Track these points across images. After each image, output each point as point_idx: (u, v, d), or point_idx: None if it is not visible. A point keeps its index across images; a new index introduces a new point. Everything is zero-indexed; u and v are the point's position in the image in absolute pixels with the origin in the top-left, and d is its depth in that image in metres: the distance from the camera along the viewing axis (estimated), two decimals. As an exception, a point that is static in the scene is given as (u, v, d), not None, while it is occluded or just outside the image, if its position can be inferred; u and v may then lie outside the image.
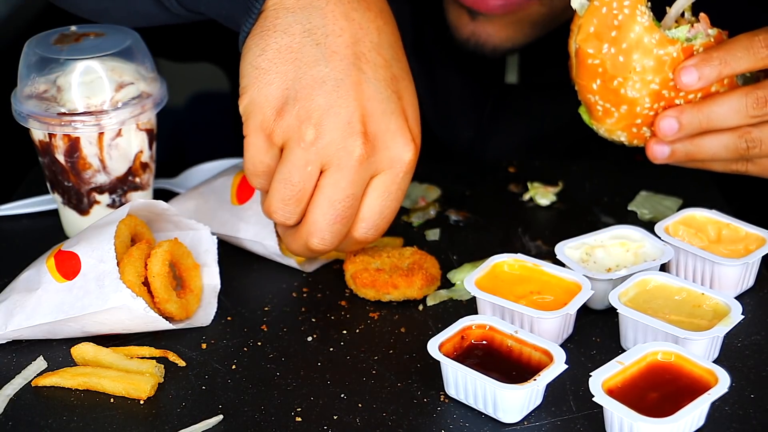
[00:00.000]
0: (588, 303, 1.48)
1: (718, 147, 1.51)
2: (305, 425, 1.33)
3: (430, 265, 1.55)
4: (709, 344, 1.38)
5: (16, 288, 1.47)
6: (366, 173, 1.42)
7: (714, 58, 1.46)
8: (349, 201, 1.43)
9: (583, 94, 1.53)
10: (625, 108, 1.50)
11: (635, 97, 1.49)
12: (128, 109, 1.59)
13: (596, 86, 1.50)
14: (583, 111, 1.55)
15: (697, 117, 1.49)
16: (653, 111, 1.50)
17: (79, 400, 1.38)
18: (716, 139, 1.51)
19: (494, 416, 1.33)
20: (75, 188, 1.63)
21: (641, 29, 1.46)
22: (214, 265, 1.54)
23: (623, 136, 1.54)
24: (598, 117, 1.53)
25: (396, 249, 1.58)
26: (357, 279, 1.53)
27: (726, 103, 1.48)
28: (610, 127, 1.53)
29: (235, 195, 1.61)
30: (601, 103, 1.51)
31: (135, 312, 1.41)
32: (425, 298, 1.54)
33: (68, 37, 1.63)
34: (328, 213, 1.43)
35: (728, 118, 1.49)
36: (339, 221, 1.43)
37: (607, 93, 1.49)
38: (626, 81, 1.48)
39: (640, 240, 1.54)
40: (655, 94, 1.48)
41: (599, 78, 1.49)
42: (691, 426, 1.29)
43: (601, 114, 1.52)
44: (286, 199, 1.43)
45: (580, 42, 1.48)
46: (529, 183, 1.79)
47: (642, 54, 1.46)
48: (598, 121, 1.54)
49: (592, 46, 1.48)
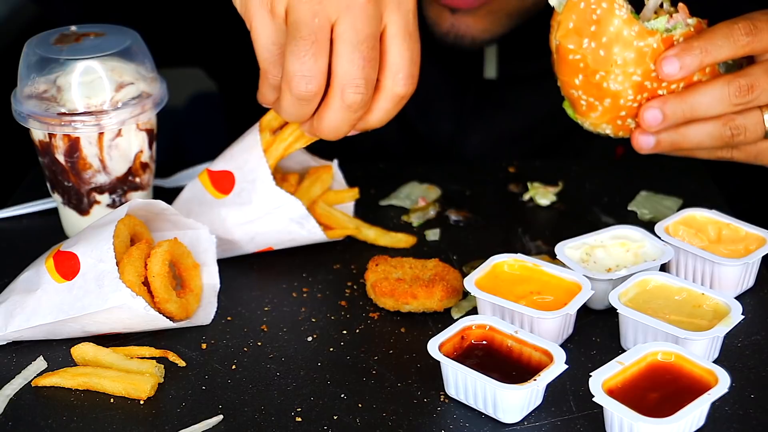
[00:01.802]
0: (588, 303, 1.48)
1: (702, 135, 1.51)
2: (305, 425, 1.33)
3: (453, 278, 1.53)
4: (709, 344, 1.38)
5: (16, 289, 1.47)
6: (376, 10, 1.40)
7: (695, 48, 1.46)
8: (371, 41, 1.40)
9: (566, 90, 1.53)
10: (608, 101, 1.50)
11: (618, 89, 1.49)
12: (128, 109, 1.59)
13: (579, 81, 1.50)
14: (567, 106, 1.56)
15: (681, 107, 1.49)
16: (637, 102, 1.50)
17: (79, 400, 1.38)
18: (701, 127, 1.51)
19: (494, 416, 1.33)
20: (75, 188, 1.63)
21: (620, 22, 1.46)
22: (213, 264, 1.54)
23: (608, 128, 1.54)
24: (583, 111, 1.53)
25: (419, 260, 1.56)
26: (377, 288, 1.51)
27: (709, 92, 1.49)
28: (594, 120, 1.53)
29: (215, 190, 1.59)
30: (584, 97, 1.51)
31: (135, 311, 1.41)
32: (449, 311, 1.52)
33: (68, 37, 1.63)
34: (354, 57, 1.40)
35: (712, 106, 1.49)
36: (367, 64, 1.40)
37: (589, 87, 1.50)
38: (608, 74, 1.48)
39: (640, 240, 1.54)
40: (637, 86, 1.49)
41: (581, 73, 1.49)
42: (691, 426, 1.29)
43: (585, 108, 1.52)
44: (303, 57, 1.39)
45: (560, 38, 1.49)
46: (529, 183, 1.79)
47: (622, 47, 1.47)
48: (582, 116, 1.54)
49: (572, 42, 1.48)
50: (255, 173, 1.56)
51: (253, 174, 1.56)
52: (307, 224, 1.57)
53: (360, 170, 1.84)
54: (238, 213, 1.57)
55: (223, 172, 1.59)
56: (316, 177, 1.64)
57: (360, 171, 1.83)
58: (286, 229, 1.58)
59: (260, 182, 1.55)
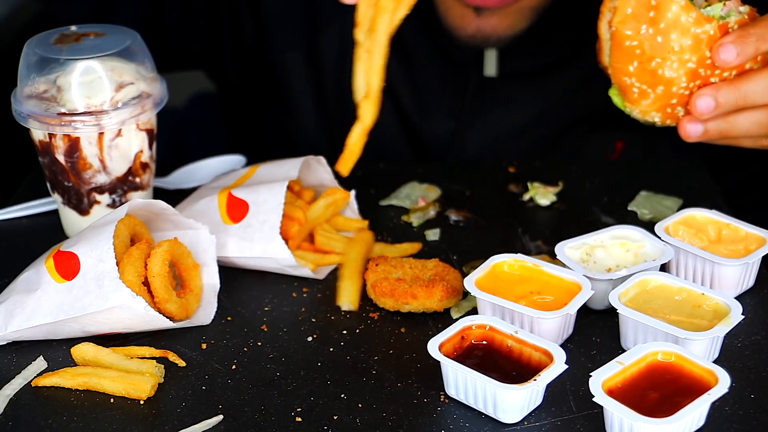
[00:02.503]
0: (588, 303, 1.48)
1: (751, 124, 1.52)
2: (305, 425, 1.33)
3: (453, 278, 1.53)
4: (709, 344, 1.38)
5: (16, 289, 1.47)
6: None
7: (751, 35, 1.47)
8: None
9: (617, 77, 1.52)
10: (661, 89, 1.50)
11: (672, 77, 1.49)
12: (128, 109, 1.59)
13: (633, 68, 1.49)
14: (615, 93, 1.55)
15: (734, 95, 1.49)
16: (688, 90, 1.50)
17: (79, 400, 1.38)
18: (750, 115, 1.51)
19: (494, 416, 1.33)
20: (75, 188, 1.63)
21: (678, 8, 1.46)
22: (213, 264, 1.54)
23: (657, 116, 1.54)
24: (633, 99, 1.52)
25: (419, 260, 1.56)
26: (376, 288, 1.51)
27: (762, 80, 1.49)
28: (644, 108, 1.53)
29: (226, 214, 1.60)
30: (637, 84, 1.51)
31: (135, 311, 1.41)
32: (449, 311, 1.52)
33: (68, 37, 1.63)
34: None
35: (765, 94, 1.50)
36: None
37: (644, 74, 1.49)
38: (664, 61, 1.48)
39: (640, 240, 1.54)
40: (691, 73, 1.48)
41: (636, 60, 1.49)
42: (691, 426, 1.29)
43: (636, 96, 1.52)
44: None
45: (618, 24, 1.48)
46: (529, 183, 1.79)
47: (680, 33, 1.46)
48: (632, 103, 1.53)
49: (630, 28, 1.48)
50: (267, 216, 1.56)
51: (266, 216, 1.56)
52: (301, 271, 1.58)
53: (360, 170, 1.83)
54: (238, 246, 1.57)
55: (241, 201, 1.58)
56: (331, 199, 1.64)
57: (360, 171, 1.83)
58: (279, 269, 1.58)
59: (268, 227, 1.55)
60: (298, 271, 1.57)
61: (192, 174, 1.83)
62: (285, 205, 1.56)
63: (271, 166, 1.64)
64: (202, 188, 1.69)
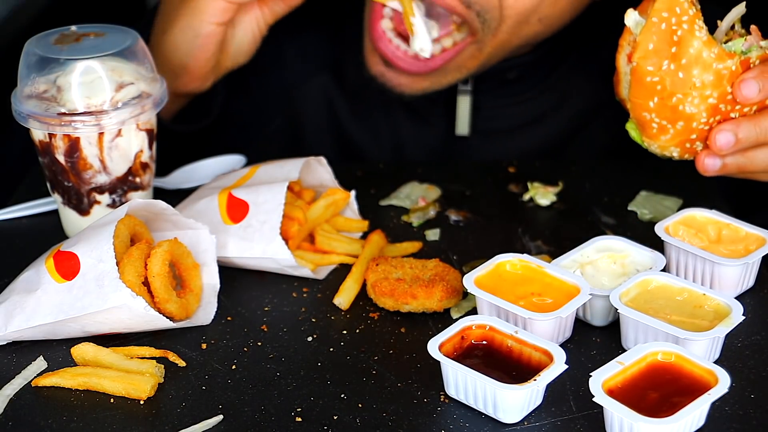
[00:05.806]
0: (590, 319, 1.47)
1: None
2: (305, 425, 1.33)
3: (453, 278, 1.53)
4: (709, 345, 1.38)
5: (16, 289, 1.47)
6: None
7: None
8: None
9: (637, 112, 1.51)
10: (681, 124, 1.49)
11: (693, 112, 1.48)
12: (128, 109, 1.59)
13: (653, 104, 1.48)
14: (632, 127, 1.54)
15: (754, 130, 1.49)
16: (708, 126, 1.49)
17: (79, 400, 1.38)
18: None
19: (494, 416, 1.33)
20: (75, 188, 1.63)
21: (700, 44, 1.45)
22: (213, 264, 1.54)
23: (675, 151, 1.53)
24: (652, 134, 1.51)
25: (419, 260, 1.56)
26: (376, 288, 1.51)
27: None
28: (663, 143, 1.52)
29: (226, 214, 1.60)
30: (657, 120, 1.50)
31: (135, 311, 1.41)
32: (449, 311, 1.52)
33: (68, 37, 1.63)
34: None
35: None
36: None
37: (664, 110, 1.48)
38: (685, 97, 1.47)
39: (625, 250, 1.53)
40: (712, 109, 1.48)
41: (657, 95, 1.48)
42: (691, 426, 1.29)
43: (655, 131, 1.51)
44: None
45: (639, 60, 1.47)
46: (529, 183, 1.79)
47: (702, 69, 1.45)
48: (651, 138, 1.52)
49: (651, 64, 1.47)
50: (267, 216, 1.56)
51: (266, 216, 1.56)
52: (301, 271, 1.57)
53: (360, 170, 1.84)
54: (238, 246, 1.57)
55: (241, 202, 1.58)
56: (331, 199, 1.64)
57: (360, 171, 1.84)
58: (279, 269, 1.58)
59: (268, 227, 1.55)
60: (298, 272, 1.57)
61: (192, 174, 1.83)
62: (285, 206, 1.56)
63: (272, 167, 1.64)
64: (202, 188, 1.69)
